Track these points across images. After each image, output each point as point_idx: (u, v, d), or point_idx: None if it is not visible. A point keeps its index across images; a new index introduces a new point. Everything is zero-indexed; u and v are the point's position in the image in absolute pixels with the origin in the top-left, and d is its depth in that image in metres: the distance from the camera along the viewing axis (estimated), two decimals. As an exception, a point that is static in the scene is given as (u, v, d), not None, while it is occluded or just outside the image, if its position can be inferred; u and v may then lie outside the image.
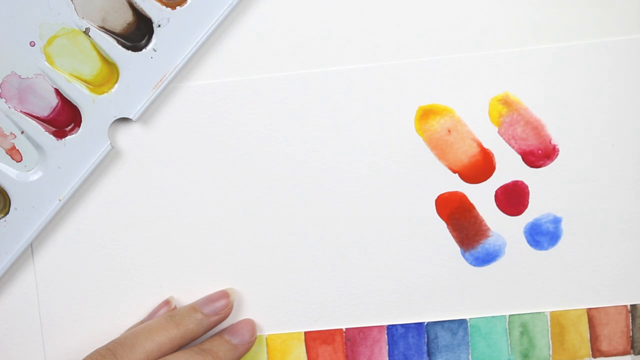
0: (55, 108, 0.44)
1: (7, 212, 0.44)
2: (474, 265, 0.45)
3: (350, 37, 0.45)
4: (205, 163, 0.45)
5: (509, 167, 0.45)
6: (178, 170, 0.45)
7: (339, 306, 0.46)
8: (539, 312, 0.45)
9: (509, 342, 0.46)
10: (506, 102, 0.45)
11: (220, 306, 0.44)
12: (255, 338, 0.45)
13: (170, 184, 0.45)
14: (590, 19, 0.44)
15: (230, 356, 0.43)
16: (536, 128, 0.45)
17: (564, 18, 0.44)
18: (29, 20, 0.43)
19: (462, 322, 0.46)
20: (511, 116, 0.45)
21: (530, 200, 0.45)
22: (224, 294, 0.45)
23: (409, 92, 0.45)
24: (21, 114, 0.44)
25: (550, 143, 0.45)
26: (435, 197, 0.45)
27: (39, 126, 0.44)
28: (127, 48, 0.44)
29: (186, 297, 0.46)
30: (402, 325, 0.46)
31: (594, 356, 0.46)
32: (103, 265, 0.46)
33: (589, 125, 0.45)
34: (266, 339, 0.46)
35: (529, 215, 0.45)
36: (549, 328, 0.45)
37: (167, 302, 0.45)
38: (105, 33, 0.44)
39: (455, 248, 0.45)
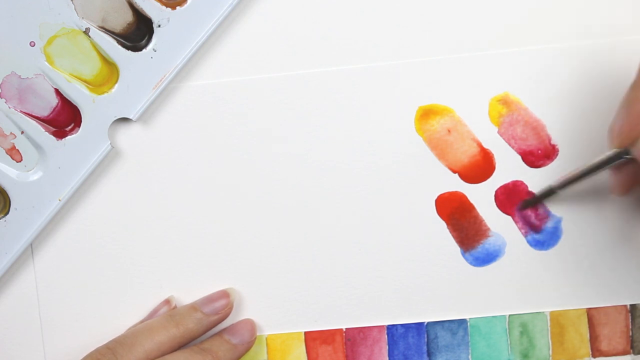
0: (55, 108, 0.44)
1: (7, 212, 0.44)
2: (474, 265, 0.45)
3: (350, 37, 0.45)
4: (205, 163, 0.45)
5: (509, 167, 0.45)
6: (178, 170, 0.45)
7: (339, 306, 0.46)
8: (539, 312, 0.45)
9: (508, 342, 0.46)
10: (506, 102, 0.45)
11: (220, 306, 0.44)
12: (255, 338, 0.45)
13: (170, 184, 0.45)
14: (590, 19, 0.44)
15: (230, 356, 0.43)
16: (536, 128, 0.45)
17: (564, 18, 0.44)
18: (29, 20, 0.43)
19: (462, 322, 0.46)
20: (511, 116, 0.45)
21: (530, 200, 0.45)
22: (224, 294, 0.45)
23: (409, 92, 0.45)
24: (21, 114, 0.44)
25: (550, 143, 0.45)
26: (435, 197, 0.45)
27: (39, 126, 0.44)
28: (127, 48, 0.44)
29: (186, 297, 0.46)
30: (402, 325, 0.46)
31: (593, 356, 0.46)
32: (103, 265, 0.46)
33: (589, 125, 0.45)
34: (266, 339, 0.46)
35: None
36: (549, 328, 0.45)
37: (167, 302, 0.45)
38: (105, 33, 0.44)
39: (455, 248, 0.45)
